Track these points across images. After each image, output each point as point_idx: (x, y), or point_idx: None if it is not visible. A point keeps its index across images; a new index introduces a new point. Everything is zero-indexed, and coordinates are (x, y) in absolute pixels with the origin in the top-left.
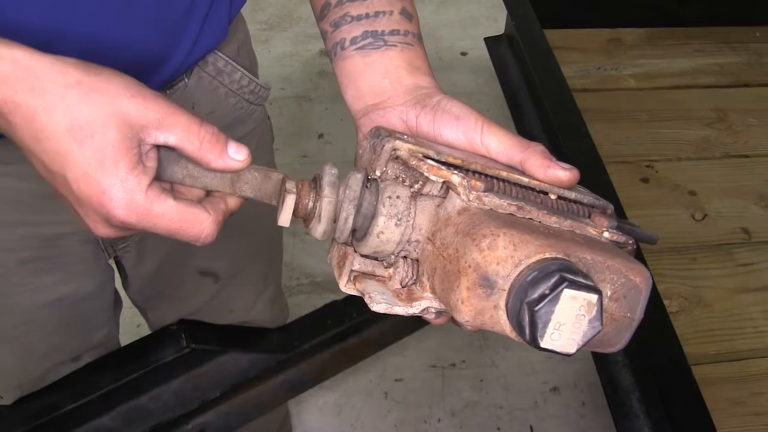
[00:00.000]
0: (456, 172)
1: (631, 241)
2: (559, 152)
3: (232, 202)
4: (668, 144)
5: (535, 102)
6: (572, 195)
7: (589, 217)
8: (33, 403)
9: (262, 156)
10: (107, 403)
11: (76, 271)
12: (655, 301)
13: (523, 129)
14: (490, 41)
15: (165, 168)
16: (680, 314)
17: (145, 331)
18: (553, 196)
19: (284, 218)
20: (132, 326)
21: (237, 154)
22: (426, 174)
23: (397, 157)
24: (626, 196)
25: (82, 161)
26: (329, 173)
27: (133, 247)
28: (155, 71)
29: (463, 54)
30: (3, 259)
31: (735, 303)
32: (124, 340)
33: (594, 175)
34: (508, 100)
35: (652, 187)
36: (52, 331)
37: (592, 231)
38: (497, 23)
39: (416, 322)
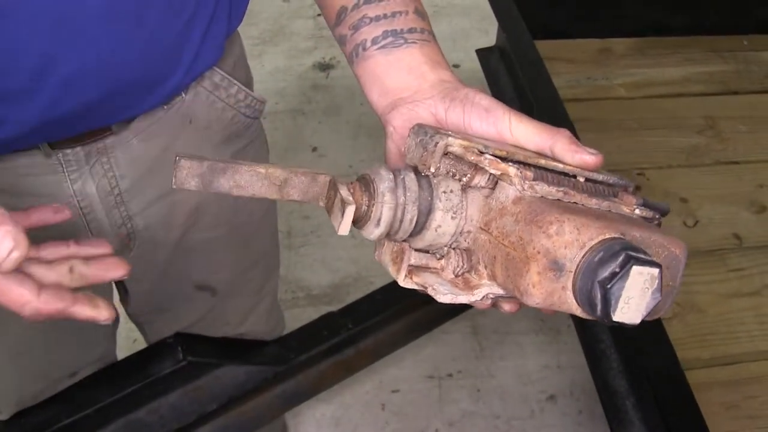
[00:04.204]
0: (510, 164)
1: (657, 216)
2: None
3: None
4: (659, 152)
5: (527, 112)
6: (599, 177)
7: (616, 196)
8: (30, 418)
9: None
10: (104, 417)
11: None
12: None
13: None
14: (481, 53)
15: (211, 180)
16: (674, 320)
17: (142, 346)
18: (581, 179)
19: (344, 228)
20: (128, 341)
21: None
22: (487, 168)
23: (446, 153)
24: None
25: None
26: (387, 178)
27: (132, 263)
28: (155, 90)
29: (456, 66)
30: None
31: (727, 308)
32: (120, 355)
33: None
34: None
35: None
36: (51, 349)
37: (625, 209)
38: (488, 35)
39: (411, 332)
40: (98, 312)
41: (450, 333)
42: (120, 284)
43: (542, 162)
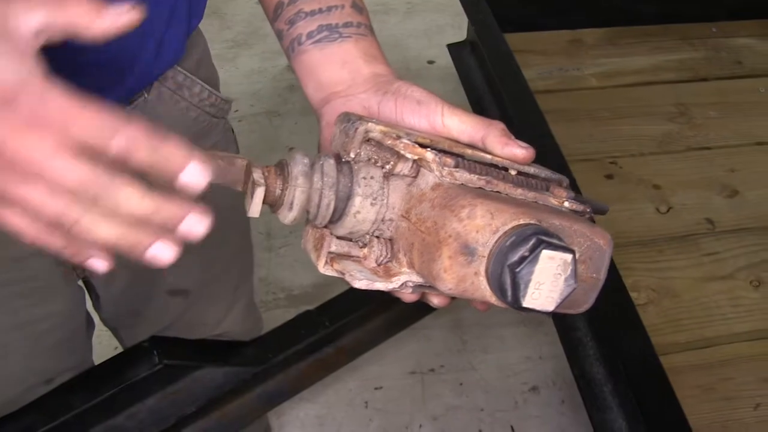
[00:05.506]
0: (429, 149)
1: (588, 209)
2: None
3: None
4: (631, 140)
5: (499, 105)
6: (531, 170)
7: (548, 189)
8: (4, 427)
9: None
10: (82, 424)
11: (46, 293)
12: (623, 295)
13: None
14: (453, 48)
15: None
16: (649, 306)
17: None
18: (513, 172)
19: (254, 210)
20: (109, 348)
21: None
22: (402, 152)
23: (369, 140)
24: (591, 192)
25: None
26: (301, 162)
27: None
28: (114, 88)
29: (430, 62)
30: None
31: (702, 292)
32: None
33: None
34: (473, 105)
35: (616, 182)
36: (26, 355)
37: (553, 201)
38: (462, 31)
39: (390, 328)
40: None
41: (431, 328)
42: (91, 288)
43: (469, 152)
